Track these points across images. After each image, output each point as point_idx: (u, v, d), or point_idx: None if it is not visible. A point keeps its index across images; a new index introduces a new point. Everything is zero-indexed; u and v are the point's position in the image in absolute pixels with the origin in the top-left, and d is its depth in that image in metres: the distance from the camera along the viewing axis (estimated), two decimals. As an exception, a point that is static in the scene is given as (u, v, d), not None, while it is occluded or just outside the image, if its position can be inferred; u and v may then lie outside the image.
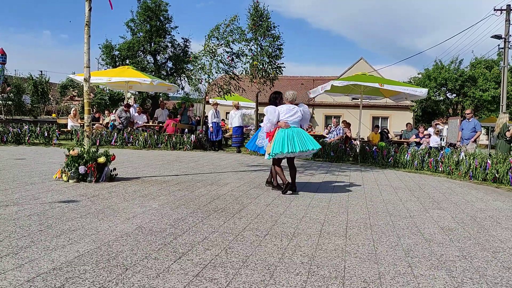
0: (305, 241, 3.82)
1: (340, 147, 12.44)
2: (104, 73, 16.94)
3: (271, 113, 6.19)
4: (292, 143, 6.02)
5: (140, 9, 28.48)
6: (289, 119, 6.22)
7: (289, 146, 6.00)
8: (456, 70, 33.25)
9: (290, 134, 6.09)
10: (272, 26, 14.95)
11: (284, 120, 6.20)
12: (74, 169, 6.25)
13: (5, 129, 12.70)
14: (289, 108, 6.29)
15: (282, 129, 6.16)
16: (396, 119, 33.01)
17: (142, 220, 4.25)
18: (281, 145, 6.00)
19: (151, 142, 13.40)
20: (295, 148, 6.00)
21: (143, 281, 2.71)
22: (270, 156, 6.16)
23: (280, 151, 6.00)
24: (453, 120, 18.59)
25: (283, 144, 6.00)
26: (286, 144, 6.00)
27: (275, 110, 6.22)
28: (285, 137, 6.06)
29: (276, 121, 6.20)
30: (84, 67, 6.71)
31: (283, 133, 6.12)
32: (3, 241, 3.33)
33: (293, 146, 6.00)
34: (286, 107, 6.32)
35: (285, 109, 6.27)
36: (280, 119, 6.22)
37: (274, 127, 6.24)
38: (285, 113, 6.24)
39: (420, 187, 7.79)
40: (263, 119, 6.47)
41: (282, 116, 6.23)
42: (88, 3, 6.62)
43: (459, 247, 3.87)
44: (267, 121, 6.23)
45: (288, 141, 6.03)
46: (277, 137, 6.13)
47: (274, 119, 6.19)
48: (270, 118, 6.18)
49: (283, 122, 6.20)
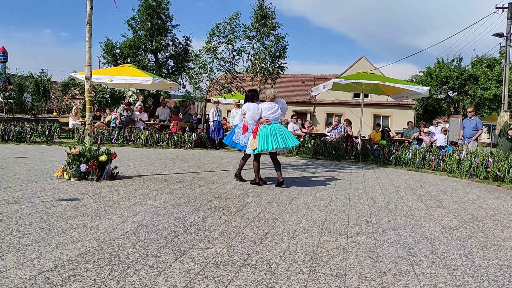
0: (306, 239, 3.82)
1: (341, 146, 12.43)
2: (106, 71, 16.94)
3: (254, 110, 6.57)
4: (276, 140, 6.48)
5: (141, 8, 28.45)
6: (270, 116, 6.63)
7: (273, 143, 6.46)
8: (457, 68, 33.19)
9: (273, 131, 6.54)
10: (277, 26, 14.89)
11: (266, 117, 6.61)
12: (76, 168, 6.26)
13: (6, 128, 12.71)
14: (270, 106, 6.70)
15: (265, 126, 6.57)
16: (397, 117, 32.97)
17: (143, 218, 4.25)
18: (266, 143, 6.44)
19: (152, 141, 13.40)
20: (278, 144, 6.49)
21: (144, 279, 2.71)
22: (254, 152, 6.56)
23: (265, 148, 6.45)
24: (454, 118, 18.59)
25: (268, 142, 6.45)
26: (270, 142, 6.45)
27: (258, 108, 6.61)
28: (268, 134, 6.49)
29: (258, 118, 6.60)
30: (85, 65, 6.72)
31: (266, 130, 6.53)
32: (5, 239, 3.34)
33: (277, 143, 6.48)
34: (267, 104, 6.71)
35: (267, 107, 6.67)
36: (262, 116, 6.62)
37: (257, 123, 6.62)
38: (267, 111, 6.64)
39: (421, 185, 7.78)
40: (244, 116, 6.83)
41: (264, 113, 6.62)
42: (90, 1, 6.61)
43: (461, 246, 3.87)
44: (250, 118, 6.61)
45: (271, 138, 6.48)
46: (260, 134, 6.51)
47: (257, 116, 6.59)
48: (253, 115, 6.57)
49: (265, 119, 6.61)
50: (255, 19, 14.76)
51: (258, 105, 6.66)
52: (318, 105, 35.09)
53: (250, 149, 6.63)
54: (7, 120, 15.27)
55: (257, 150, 6.50)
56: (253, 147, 6.53)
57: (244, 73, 15.08)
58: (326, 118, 34.34)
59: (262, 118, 6.62)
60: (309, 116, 34.36)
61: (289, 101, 34.60)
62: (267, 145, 6.43)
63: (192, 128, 15.39)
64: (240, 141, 6.96)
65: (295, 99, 35.50)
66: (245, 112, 6.74)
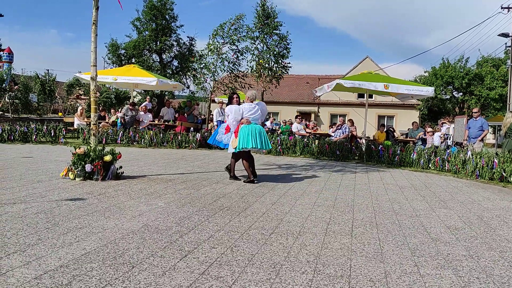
0: (311, 239, 3.82)
1: (345, 146, 12.41)
2: (110, 71, 17.00)
3: (236, 112, 6.95)
4: (255, 140, 6.89)
5: (145, 8, 28.51)
6: (250, 117, 7.00)
7: (253, 142, 6.85)
8: (462, 69, 33.03)
9: (253, 131, 6.91)
10: (279, 25, 14.89)
11: (247, 117, 6.98)
12: (81, 167, 6.29)
13: (12, 128, 12.78)
14: (251, 107, 7.05)
15: (246, 126, 6.93)
16: (402, 117, 32.89)
17: (148, 218, 4.26)
18: (246, 141, 6.83)
19: (156, 141, 13.43)
20: (257, 144, 6.92)
21: (149, 278, 2.72)
22: (236, 150, 6.92)
23: (245, 146, 6.83)
24: (459, 118, 18.50)
25: (248, 140, 6.83)
26: (251, 140, 6.84)
27: (240, 109, 6.98)
28: (249, 133, 6.87)
29: (240, 119, 6.97)
30: (91, 65, 6.74)
31: (247, 129, 6.89)
32: (11, 239, 3.36)
33: (256, 143, 6.88)
34: (248, 105, 7.06)
35: (247, 108, 7.02)
36: (243, 116, 6.98)
37: (238, 124, 6.99)
38: (247, 111, 7.00)
39: (426, 186, 7.75)
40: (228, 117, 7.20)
41: (245, 113, 6.99)
42: (95, 2, 6.64)
43: (466, 247, 3.85)
44: (232, 120, 6.97)
45: (252, 137, 6.86)
46: (241, 133, 6.88)
47: (239, 117, 6.97)
48: (236, 116, 6.95)
49: (245, 119, 6.97)
50: (257, 19, 14.78)
51: (239, 107, 7.03)
52: (322, 105, 35.05)
53: (232, 148, 7.01)
54: (13, 120, 15.36)
55: (237, 148, 6.85)
56: (234, 145, 6.92)
57: (248, 73, 15.08)
58: (330, 119, 34.30)
59: (243, 118, 6.97)
60: (313, 116, 34.33)
61: (293, 101, 34.93)
62: (247, 143, 6.81)
63: (196, 128, 15.42)
64: (222, 140, 7.38)
65: (299, 100, 35.51)
66: (228, 114, 7.11)
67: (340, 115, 28.88)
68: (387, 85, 11.62)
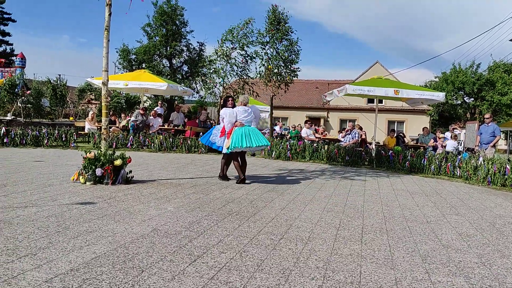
0: (320, 245, 3.80)
1: (355, 151, 12.35)
2: (121, 76, 17.16)
3: (230, 115, 7.30)
4: (249, 139, 7.16)
5: (156, 14, 28.77)
6: (244, 119, 7.35)
7: (246, 141, 7.12)
8: (474, 74, 32.74)
9: (246, 131, 7.23)
10: (290, 31, 14.89)
11: (240, 120, 7.32)
12: (91, 172, 6.33)
13: (24, 132, 12.94)
14: (244, 110, 7.41)
15: (239, 128, 7.25)
16: (412, 123, 32.67)
17: (157, 222, 4.28)
18: (240, 141, 7.10)
19: (166, 145, 13.49)
20: (252, 143, 7.16)
21: (158, 283, 2.72)
22: (229, 150, 7.20)
23: (239, 145, 7.09)
24: (470, 124, 18.31)
25: (242, 140, 7.11)
26: (244, 140, 7.11)
27: (234, 112, 7.32)
28: (242, 134, 7.17)
29: (234, 121, 7.29)
30: (102, 70, 6.81)
31: (240, 130, 7.22)
32: (22, 242, 3.39)
33: (250, 142, 7.15)
34: (242, 108, 7.41)
35: (241, 111, 7.38)
36: (237, 119, 7.32)
37: (232, 126, 7.30)
38: (241, 114, 7.35)
39: (437, 192, 7.68)
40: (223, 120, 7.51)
41: (238, 116, 7.33)
42: (108, 8, 6.72)
43: (478, 254, 3.80)
44: (227, 122, 7.31)
45: (245, 137, 7.14)
46: (235, 134, 7.19)
47: (233, 120, 7.29)
48: (230, 119, 7.29)
49: (239, 122, 7.30)
50: (268, 24, 14.80)
51: (233, 110, 7.37)
52: (332, 110, 34.96)
53: (225, 149, 7.32)
54: (25, 124, 15.54)
55: (230, 147, 7.16)
56: (227, 146, 7.24)
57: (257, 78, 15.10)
58: (339, 124, 34.17)
59: (237, 121, 7.30)
60: (323, 121, 34.26)
61: (302, 106, 34.89)
62: (242, 142, 7.10)
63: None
64: (216, 142, 7.62)
65: (308, 104, 35.45)
66: (222, 117, 7.42)
67: (350, 120, 28.80)
68: (397, 90, 11.56)
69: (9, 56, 41.90)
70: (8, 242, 3.37)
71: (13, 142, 12.60)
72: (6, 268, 2.81)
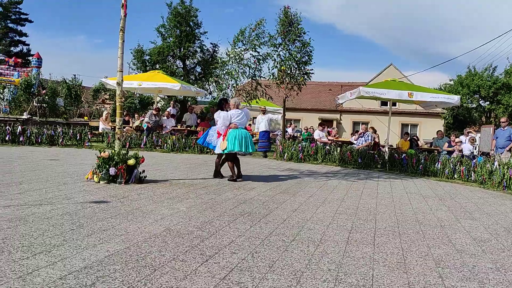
0: (332, 247, 3.78)
1: (368, 154, 12.26)
2: (135, 77, 17.30)
3: (224, 118, 7.66)
4: (242, 144, 7.56)
5: (170, 15, 28.96)
6: (238, 122, 7.74)
7: (239, 146, 7.53)
8: (490, 77, 32.29)
9: (240, 135, 7.60)
10: (302, 32, 14.85)
11: (234, 123, 7.69)
12: (105, 171, 6.40)
13: (39, 131, 13.13)
14: (238, 113, 7.81)
15: (233, 130, 7.62)
16: (426, 126, 32.34)
17: (170, 222, 4.30)
18: (233, 144, 7.52)
19: (179, 146, 13.57)
20: (242, 148, 7.58)
21: (171, 282, 2.74)
22: (224, 152, 7.63)
23: (233, 149, 7.52)
24: (486, 128, 18.07)
25: (235, 144, 7.52)
26: (238, 144, 7.53)
27: (228, 115, 7.70)
28: (236, 137, 7.55)
29: (228, 124, 7.67)
30: (117, 71, 6.88)
31: (235, 133, 7.59)
32: (37, 239, 3.44)
33: (241, 146, 7.55)
34: (235, 111, 7.81)
35: (235, 114, 7.77)
36: (231, 121, 7.68)
37: (226, 128, 7.65)
38: (235, 117, 7.74)
39: (451, 196, 7.59)
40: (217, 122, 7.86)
41: (233, 119, 7.71)
42: (124, 9, 6.79)
43: (492, 259, 3.75)
44: (221, 125, 7.68)
45: (238, 141, 7.54)
46: (229, 136, 7.58)
47: (227, 122, 7.67)
48: (224, 122, 7.66)
49: (233, 124, 7.68)
50: (280, 26, 14.78)
51: (228, 113, 7.74)
52: (345, 113, 34.79)
53: (220, 149, 7.70)
54: (40, 123, 15.76)
55: (226, 150, 7.56)
56: (223, 147, 7.60)
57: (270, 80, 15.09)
58: (352, 126, 33.98)
59: (231, 123, 7.66)
60: (335, 123, 34.10)
61: (315, 109, 34.76)
62: (234, 146, 7.51)
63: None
64: (212, 142, 8.03)
65: (321, 107, 35.34)
66: (217, 119, 7.77)
67: (363, 122, 28.59)
68: (411, 93, 11.46)
69: (25, 56, 42.62)
70: (24, 239, 3.42)
71: (29, 141, 12.80)
72: (21, 265, 2.85)
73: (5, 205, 4.52)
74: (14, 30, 45.54)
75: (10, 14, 44.72)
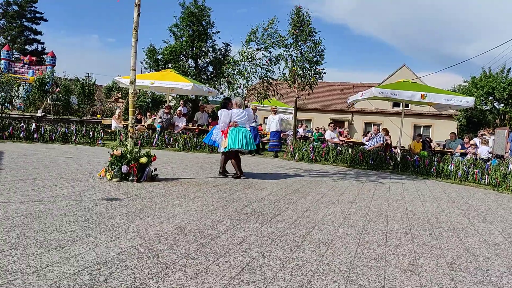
0: (344, 248, 3.76)
1: (379, 155, 12.18)
2: (148, 76, 17.42)
3: (225, 116, 7.87)
4: (242, 142, 7.75)
5: (183, 15, 29.08)
6: (238, 120, 7.90)
7: (239, 143, 7.71)
8: (504, 79, 31.84)
9: (240, 133, 7.79)
10: (314, 32, 14.81)
11: (235, 121, 7.86)
12: (117, 168, 6.45)
13: (53, 128, 13.29)
14: (239, 112, 7.98)
15: (234, 128, 7.80)
16: (439, 128, 32.01)
17: (181, 220, 4.32)
18: (234, 142, 7.72)
19: (190, 145, 13.62)
20: (243, 146, 7.77)
21: (182, 280, 2.75)
22: (225, 149, 7.81)
23: (233, 147, 7.71)
24: (500, 130, 17.79)
25: (235, 142, 7.72)
26: (238, 142, 7.72)
27: (229, 113, 7.90)
28: (237, 135, 7.75)
29: (229, 122, 7.84)
30: (130, 69, 6.93)
31: (235, 131, 7.79)
32: (51, 235, 3.48)
33: (241, 144, 7.74)
34: (237, 110, 7.98)
35: (236, 112, 7.95)
36: (232, 120, 7.85)
37: (227, 126, 7.83)
38: (236, 116, 7.91)
39: (464, 199, 7.50)
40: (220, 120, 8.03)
41: (234, 117, 7.88)
42: (137, 8, 6.84)
43: (506, 263, 3.70)
44: (221, 122, 7.88)
45: (239, 139, 7.73)
46: (230, 135, 7.78)
47: (227, 120, 7.84)
48: (225, 119, 7.85)
49: (234, 122, 7.84)
50: (292, 26, 14.75)
51: (229, 111, 7.93)
52: (356, 114, 34.59)
53: (222, 148, 7.90)
54: (54, 121, 15.96)
55: (227, 148, 7.76)
56: (224, 145, 7.83)
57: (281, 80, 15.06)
58: (364, 127, 33.77)
59: (232, 122, 7.83)
60: (347, 124, 33.93)
61: (326, 109, 34.62)
62: (235, 144, 7.70)
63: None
64: (217, 140, 8.28)
65: (332, 107, 35.19)
66: (219, 117, 7.97)
67: (375, 123, 28.39)
68: (424, 94, 11.36)
69: (40, 54, 43.21)
70: (38, 234, 3.46)
71: (43, 138, 12.94)
72: (35, 260, 2.89)
73: (20, 201, 4.59)
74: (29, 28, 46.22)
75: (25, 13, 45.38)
